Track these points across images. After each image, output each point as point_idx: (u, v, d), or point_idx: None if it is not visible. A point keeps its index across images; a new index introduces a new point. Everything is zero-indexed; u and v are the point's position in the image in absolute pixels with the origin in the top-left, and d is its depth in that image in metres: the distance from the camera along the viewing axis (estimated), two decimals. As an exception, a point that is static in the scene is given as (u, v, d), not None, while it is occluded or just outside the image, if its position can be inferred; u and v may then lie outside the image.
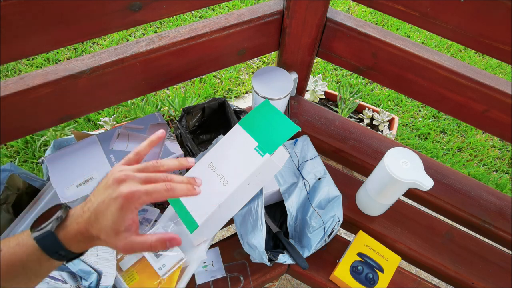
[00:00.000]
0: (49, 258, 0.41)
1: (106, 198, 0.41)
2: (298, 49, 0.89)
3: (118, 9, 0.61)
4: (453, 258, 0.80)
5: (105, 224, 0.40)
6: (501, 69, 1.99)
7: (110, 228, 0.41)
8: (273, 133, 0.66)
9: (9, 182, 0.72)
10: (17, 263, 0.40)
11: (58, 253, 0.41)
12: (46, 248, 0.40)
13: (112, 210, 0.40)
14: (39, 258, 0.40)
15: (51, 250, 0.41)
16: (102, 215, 0.41)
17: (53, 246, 0.41)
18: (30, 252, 0.40)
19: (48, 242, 0.40)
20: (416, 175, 0.68)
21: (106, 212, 0.41)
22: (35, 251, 0.40)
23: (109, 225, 0.40)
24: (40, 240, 0.40)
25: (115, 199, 0.41)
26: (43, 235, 0.40)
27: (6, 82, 0.66)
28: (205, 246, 0.72)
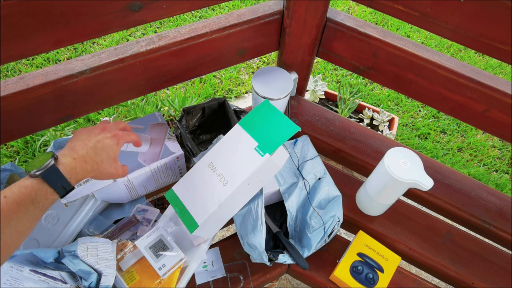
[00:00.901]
0: (53, 191, 0.50)
1: (102, 138, 0.56)
2: (298, 49, 0.89)
3: (118, 9, 0.61)
4: (453, 258, 0.80)
5: (106, 155, 0.56)
6: (501, 69, 1.99)
7: (111, 157, 0.57)
8: (273, 133, 0.66)
9: (9, 182, 0.72)
10: (27, 201, 0.47)
11: (61, 184, 0.50)
12: (51, 181, 0.49)
13: (110, 144, 0.57)
14: (46, 192, 0.49)
15: (55, 183, 0.50)
16: (101, 149, 0.55)
17: (57, 178, 0.50)
18: (37, 188, 0.48)
19: (52, 175, 0.49)
20: (416, 175, 0.68)
21: (105, 146, 0.56)
22: (41, 186, 0.48)
23: (110, 155, 0.57)
24: (46, 175, 0.49)
25: (111, 137, 0.57)
26: (48, 170, 0.49)
27: (6, 82, 0.66)
28: (205, 246, 0.72)
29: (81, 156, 0.53)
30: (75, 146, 0.54)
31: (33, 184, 0.48)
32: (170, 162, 0.76)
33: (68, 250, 0.65)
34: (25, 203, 0.46)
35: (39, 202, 0.48)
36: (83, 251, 0.64)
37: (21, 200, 0.46)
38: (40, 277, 0.60)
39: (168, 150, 0.76)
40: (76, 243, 0.65)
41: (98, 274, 0.65)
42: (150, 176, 0.76)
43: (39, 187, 0.48)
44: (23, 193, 0.47)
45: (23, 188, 0.47)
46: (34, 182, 0.48)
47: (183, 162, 0.80)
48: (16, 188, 0.47)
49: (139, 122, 0.80)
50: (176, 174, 0.82)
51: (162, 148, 0.76)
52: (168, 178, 0.81)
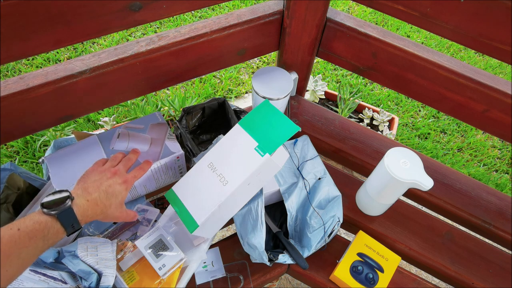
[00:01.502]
0: (64, 230, 0.52)
1: (113, 183, 0.59)
2: (298, 49, 0.89)
3: (118, 9, 0.61)
4: (453, 258, 0.80)
5: (115, 200, 0.59)
6: (501, 69, 1.99)
7: (119, 202, 0.60)
8: (273, 133, 0.66)
9: (9, 182, 0.72)
10: (38, 236, 0.49)
11: (72, 225, 0.53)
12: (65, 221, 0.52)
13: (120, 190, 0.60)
14: (57, 231, 0.51)
15: (68, 223, 0.52)
16: (112, 194, 0.59)
17: (70, 219, 0.52)
18: (50, 226, 0.50)
19: (66, 216, 0.52)
20: (416, 175, 0.68)
21: (116, 192, 0.59)
22: (54, 224, 0.51)
23: (118, 200, 0.60)
24: (61, 215, 0.51)
25: (121, 184, 0.61)
26: (63, 211, 0.52)
27: (6, 82, 0.66)
28: (205, 246, 0.72)
29: (93, 199, 0.56)
30: (88, 187, 0.57)
31: (47, 222, 0.50)
32: (170, 162, 0.76)
33: (68, 250, 0.65)
34: (36, 238, 0.49)
35: (49, 239, 0.51)
36: (83, 251, 0.64)
37: (33, 235, 0.49)
38: (40, 277, 0.60)
39: (168, 150, 0.76)
40: (76, 243, 0.65)
41: (98, 274, 0.65)
42: (151, 176, 0.76)
43: (52, 225, 0.51)
44: (36, 229, 0.49)
45: (37, 224, 0.50)
46: (48, 220, 0.51)
47: (183, 162, 0.80)
48: (30, 222, 0.49)
49: (139, 122, 0.80)
50: (176, 174, 0.82)
51: (162, 148, 0.76)
52: (168, 178, 0.81)
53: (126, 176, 0.62)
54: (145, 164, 0.69)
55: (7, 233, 0.47)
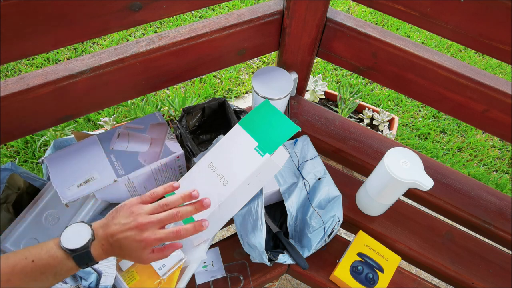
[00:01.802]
0: (77, 268, 0.50)
1: (130, 237, 0.51)
2: (298, 49, 0.89)
3: (118, 9, 0.61)
4: (453, 258, 0.80)
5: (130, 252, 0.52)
6: (501, 69, 1.99)
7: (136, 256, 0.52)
8: (273, 133, 0.66)
9: (9, 181, 0.72)
10: (50, 271, 0.47)
11: (87, 264, 0.50)
12: (80, 262, 0.50)
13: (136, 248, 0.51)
14: (70, 268, 0.49)
15: (83, 263, 0.50)
16: (126, 248, 0.51)
17: (86, 260, 0.50)
18: (63, 263, 0.48)
19: (83, 258, 0.50)
20: (416, 175, 0.68)
21: (131, 247, 0.51)
22: (68, 263, 0.49)
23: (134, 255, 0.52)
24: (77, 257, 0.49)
25: (139, 242, 0.51)
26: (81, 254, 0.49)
27: (6, 82, 0.66)
28: (205, 246, 0.72)
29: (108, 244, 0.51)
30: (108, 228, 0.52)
31: (62, 258, 0.48)
32: (171, 161, 0.76)
33: (68, 250, 0.65)
34: (48, 273, 0.48)
35: (61, 275, 0.49)
36: (83, 251, 0.64)
37: (45, 270, 0.47)
38: (40, 277, 0.60)
39: (168, 149, 0.76)
40: (76, 243, 0.65)
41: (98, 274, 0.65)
42: (151, 176, 0.76)
43: (65, 263, 0.49)
44: (50, 263, 0.48)
45: (52, 259, 0.48)
46: (63, 256, 0.49)
47: (183, 162, 0.80)
48: (46, 256, 0.48)
49: (139, 122, 0.80)
50: (176, 174, 0.82)
51: (162, 148, 0.76)
52: (168, 177, 0.81)
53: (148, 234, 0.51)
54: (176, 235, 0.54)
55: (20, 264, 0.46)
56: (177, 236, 0.53)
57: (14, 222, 0.71)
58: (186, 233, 0.53)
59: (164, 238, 0.52)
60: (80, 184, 0.69)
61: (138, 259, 0.53)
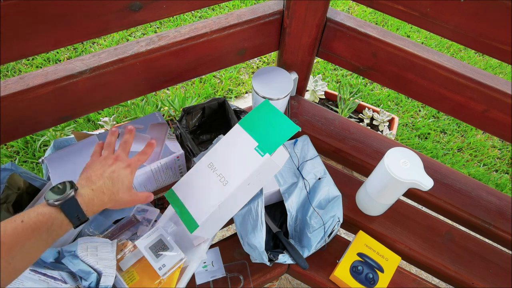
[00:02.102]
0: (69, 221, 0.50)
1: (116, 169, 0.57)
2: (298, 49, 0.89)
3: (118, 9, 0.61)
4: (453, 258, 0.80)
5: (121, 185, 0.57)
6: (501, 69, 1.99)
7: (127, 186, 0.58)
8: (273, 133, 0.66)
9: (9, 181, 0.72)
10: (42, 228, 0.48)
11: (77, 216, 0.51)
12: (69, 212, 0.50)
13: (126, 174, 0.58)
14: (61, 222, 0.50)
15: (72, 214, 0.50)
16: (117, 180, 0.56)
17: (74, 209, 0.51)
18: (54, 217, 0.49)
19: (70, 206, 0.50)
20: (416, 175, 0.68)
21: (121, 176, 0.57)
22: (58, 215, 0.49)
23: (125, 185, 0.58)
24: (64, 205, 0.50)
25: (125, 168, 0.58)
26: (66, 201, 0.50)
27: (6, 82, 0.66)
28: (205, 246, 0.72)
29: (99, 187, 0.54)
30: (91, 177, 0.55)
31: (51, 213, 0.49)
32: (170, 161, 0.76)
33: (68, 250, 0.65)
34: (40, 230, 0.47)
35: (53, 231, 0.49)
36: (83, 251, 0.64)
37: (37, 227, 0.47)
38: (40, 277, 0.60)
39: (168, 149, 0.76)
40: (76, 243, 0.65)
41: (98, 274, 0.65)
42: (151, 176, 0.76)
43: (55, 216, 0.49)
44: (40, 220, 0.48)
45: (41, 215, 0.48)
46: (51, 211, 0.49)
47: (183, 162, 0.80)
48: (33, 214, 0.48)
49: (139, 122, 0.80)
50: (176, 174, 0.82)
51: (162, 147, 0.76)
52: (168, 177, 0.81)
53: (129, 160, 0.61)
54: (148, 147, 0.65)
55: (10, 226, 0.45)
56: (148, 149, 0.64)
57: (14, 222, 0.71)
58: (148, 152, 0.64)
59: (140, 158, 0.63)
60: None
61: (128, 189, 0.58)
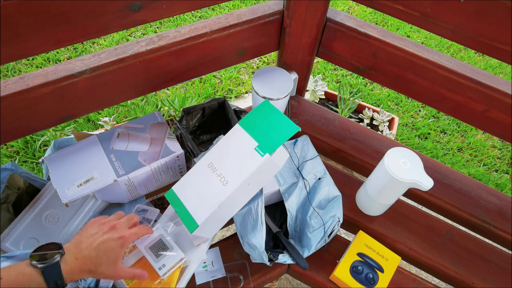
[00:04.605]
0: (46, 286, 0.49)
1: (107, 240, 0.55)
2: (298, 49, 0.89)
3: (118, 9, 0.61)
4: (453, 258, 0.80)
5: (107, 258, 0.54)
6: (501, 69, 1.99)
7: (112, 260, 0.55)
8: (273, 133, 0.66)
9: (9, 181, 0.72)
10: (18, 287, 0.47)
11: (56, 282, 0.50)
12: (49, 277, 0.49)
13: (114, 247, 0.55)
14: (38, 285, 0.49)
15: (52, 280, 0.49)
16: (104, 252, 0.54)
17: (55, 276, 0.49)
18: (32, 280, 0.48)
19: (52, 272, 0.49)
20: (416, 175, 0.68)
21: (108, 249, 0.54)
22: (37, 279, 0.48)
23: (111, 258, 0.55)
24: (45, 270, 0.49)
25: (116, 240, 0.56)
26: (50, 266, 0.49)
27: (6, 82, 0.66)
28: (205, 246, 0.72)
29: (83, 257, 0.53)
30: (80, 243, 0.54)
31: (31, 274, 0.48)
32: (170, 161, 0.76)
33: (68, 250, 0.64)
34: None
35: None
36: (83, 251, 0.64)
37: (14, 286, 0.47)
38: (40, 277, 0.60)
39: (168, 149, 0.76)
40: (76, 243, 0.65)
41: (98, 274, 0.64)
42: (151, 176, 0.76)
43: (34, 279, 0.48)
44: (18, 280, 0.48)
45: (21, 275, 0.48)
46: (32, 272, 0.49)
47: (183, 161, 0.80)
48: (14, 272, 0.48)
49: (139, 122, 0.80)
50: (176, 174, 0.82)
51: (162, 147, 0.76)
52: (168, 177, 0.81)
53: (124, 231, 0.58)
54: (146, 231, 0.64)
55: None
56: (147, 229, 0.63)
57: (14, 222, 0.71)
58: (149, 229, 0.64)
59: (138, 233, 0.60)
60: (80, 184, 0.69)
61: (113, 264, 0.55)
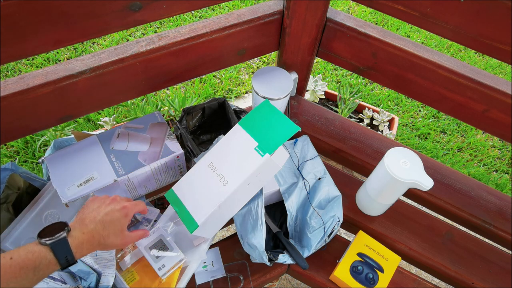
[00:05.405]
0: (57, 262, 0.50)
1: (111, 211, 0.57)
2: (298, 49, 0.89)
3: (118, 9, 0.61)
4: (453, 258, 0.80)
5: (114, 228, 0.56)
6: (501, 69, 1.99)
7: (119, 230, 0.57)
8: (273, 133, 0.66)
9: (9, 181, 0.72)
10: (30, 267, 0.47)
11: (66, 257, 0.50)
12: (58, 252, 0.50)
13: (118, 217, 0.57)
14: (49, 262, 0.49)
15: (61, 255, 0.50)
16: (110, 223, 0.56)
17: (64, 251, 0.50)
18: (42, 256, 0.49)
19: (60, 247, 0.50)
20: (416, 175, 0.68)
21: (113, 219, 0.56)
22: (47, 255, 0.49)
23: (118, 228, 0.57)
24: (54, 245, 0.49)
25: (119, 210, 0.58)
26: (57, 241, 0.50)
27: (6, 82, 0.66)
28: (205, 246, 0.72)
29: (90, 231, 0.54)
30: (85, 219, 0.55)
31: (40, 252, 0.49)
32: (170, 161, 0.76)
33: (68, 250, 0.64)
34: (27, 269, 0.47)
35: (40, 270, 0.49)
36: (83, 251, 0.64)
37: (25, 265, 0.47)
38: (40, 277, 0.60)
39: (168, 149, 0.76)
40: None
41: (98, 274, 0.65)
42: (151, 176, 0.76)
43: (44, 256, 0.49)
44: (28, 258, 0.48)
45: (30, 253, 0.48)
46: (41, 250, 0.49)
47: (183, 161, 0.80)
48: (23, 252, 0.48)
49: (139, 122, 0.80)
50: (176, 173, 0.82)
51: (162, 147, 0.76)
52: (168, 177, 0.81)
53: (125, 202, 0.60)
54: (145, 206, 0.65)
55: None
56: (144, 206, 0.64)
57: (14, 222, 0.71)
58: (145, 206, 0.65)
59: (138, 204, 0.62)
60: (80, 184, 0.69)
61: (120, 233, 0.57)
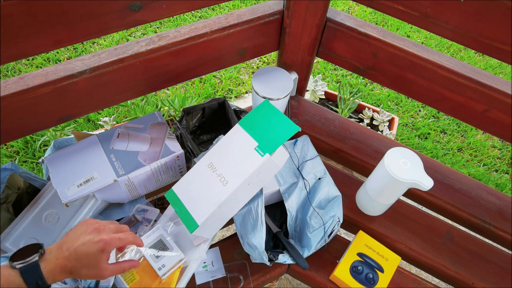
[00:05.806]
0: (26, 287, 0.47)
1: (87, 242, 0.51)
2: (298, 49, 0.89)
3: (118, 9, 0.61)
4: (453, 258, 0.80)
5: (87, 261, 0.51)
6: (501, 69, 1.99)
7: (93, 263, 0.51)
8: (273, 133, 0.66)
9: (9, 181, 0.72)
10: None
11: (37, 283, 0.47)
12: (28, 278, 0.46)
13: (93, 251, 0.51)
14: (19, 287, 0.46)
15: (31, 280, 0.47)
16: (83, 255, 0.50)
17: (35, 276, 0.47)
18: (11, 281, 0.46)
19: (31, 273, 0.47)
20: (416, 175, 0.68)
21: (88, 252, 0.50)
22: (16, 280, 0.46)
23: (92, 262, 0.51)
24: (25, 270, 0.46)
25: (96, 243, 0.51)
26: (28, 266, 0.47)
27: (6, 82, 0.66)
28: (205, 246, 0.72)
29: (64, 258, 0.50)
30: (64, 244, 0.51)
31: (9, 276, 0.46)
32: (170, 161, 0.76)
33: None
34: None
35: None
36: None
37: None
38: (40, 277, 0.60)
39: (168, 149, 0.76)
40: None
41: (98, 274, 0.64)
42: (151, 176, 0.76)
43: (13, 280, 0.46)
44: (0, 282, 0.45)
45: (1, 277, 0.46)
46: (11, 274, 0.46)
47: (183, 161, 0.80)
48: None
49: (139, 122, 0.80)
50: (176, 173, 0.82)
51: (162, 147, 0.76)
52: (168, 177, 0.81)
53: (105, 235, 0.53)
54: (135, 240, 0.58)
55: None
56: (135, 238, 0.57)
57: (14, 222, 0.71)
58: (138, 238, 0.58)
59: (123, 238, 0.54)
60: (80, 184, 0.69)
61: (95, 267, 0.51)
